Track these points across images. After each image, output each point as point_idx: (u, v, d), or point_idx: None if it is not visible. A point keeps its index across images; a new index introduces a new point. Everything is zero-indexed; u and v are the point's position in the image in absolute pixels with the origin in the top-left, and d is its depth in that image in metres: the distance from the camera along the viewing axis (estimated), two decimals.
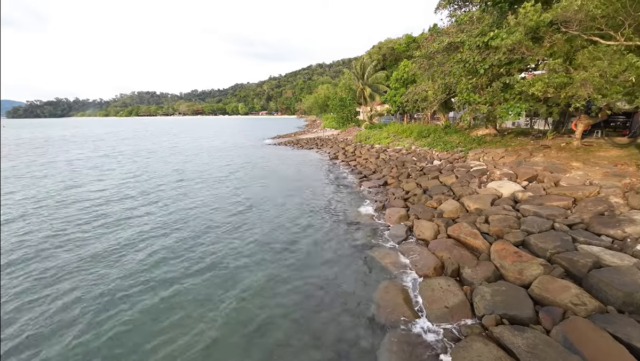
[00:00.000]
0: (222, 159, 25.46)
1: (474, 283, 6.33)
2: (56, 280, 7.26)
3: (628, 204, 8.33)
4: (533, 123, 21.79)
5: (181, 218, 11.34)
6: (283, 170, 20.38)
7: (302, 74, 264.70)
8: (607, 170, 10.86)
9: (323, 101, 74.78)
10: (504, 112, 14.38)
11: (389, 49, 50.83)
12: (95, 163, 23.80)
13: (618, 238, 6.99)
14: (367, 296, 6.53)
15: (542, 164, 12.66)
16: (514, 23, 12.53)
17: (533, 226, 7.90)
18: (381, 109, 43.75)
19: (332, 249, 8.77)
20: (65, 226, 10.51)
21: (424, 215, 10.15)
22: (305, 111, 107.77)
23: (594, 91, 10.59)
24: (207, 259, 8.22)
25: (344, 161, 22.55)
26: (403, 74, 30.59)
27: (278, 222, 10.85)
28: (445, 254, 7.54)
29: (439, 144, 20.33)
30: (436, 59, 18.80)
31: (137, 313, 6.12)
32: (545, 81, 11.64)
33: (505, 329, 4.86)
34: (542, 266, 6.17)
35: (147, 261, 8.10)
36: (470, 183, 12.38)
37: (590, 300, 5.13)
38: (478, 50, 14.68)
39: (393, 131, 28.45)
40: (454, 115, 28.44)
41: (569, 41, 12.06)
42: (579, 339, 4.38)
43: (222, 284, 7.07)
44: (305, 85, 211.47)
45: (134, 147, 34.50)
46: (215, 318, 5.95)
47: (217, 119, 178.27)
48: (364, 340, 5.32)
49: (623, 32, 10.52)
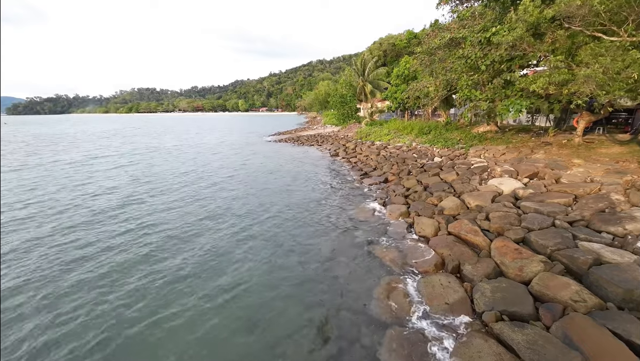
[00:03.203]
0: (224, 158, 25.38)
1: (474, 280, 6.35)
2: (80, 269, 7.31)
3: (629, 201, 8.32)
4: (534, 120, 21.69)
5: (181, 216, 11.36)
6: (283, 167, 20.36)
7: (303, 71, 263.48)
8: (609, 167, 10.84)
9: (323, 98, 74.60)
10: (504, 109, 14.31)
11: (390, 45, 50.48)
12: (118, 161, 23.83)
13: (619, 235, 6.98)
14: (368, 292, 6.56)
15: (543, 161, 12.62)
16: (515, 19, 12.42)
17: (534, 223, 7.89)
18: (382, 105, 43.57)
19: (332, 245, 8.79)
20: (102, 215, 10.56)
21: (424, 212, 10.15)
22: (306, 108, 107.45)
23: (597, 88, 10.51)
24: (207, 254, 8.25)
25: (345, 158, 22.51)
26: (404, 70, 30.39)
27: (278, 219, 10.86)
28: (445, 251, 7.56)
29: (440, 141, 20.28)
30: (437, 55, 18.66)
31: (138, 309, 6.15)
32: (547, 77, 11.56)
33: (505, 325, 4.88)
34: (543, 263, 6.18)
35: (147, 253, 8.14)
36: (471, 180, 12.36)
37: (590, 297, 5.15)
38: (480, 46, 14.57)
39: (394, 128, 28.36)
40: (455, 112, 28.30)
41: (572, 37, 11.96)
42: (578, 335, 4.40)
43: (222, 280, 7.10)
44: (305, 81, 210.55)
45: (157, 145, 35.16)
46: (215, 314, 5.98)
47: (217, 116, 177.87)
48: (364, 336, 5.35)
49: (626, 28, 10.43)
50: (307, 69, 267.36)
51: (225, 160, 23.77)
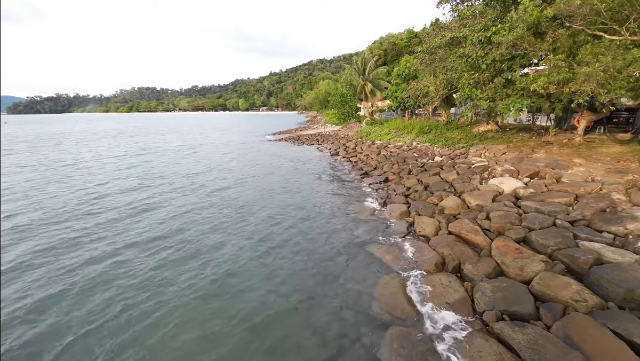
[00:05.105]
0: (226, 157, 25.34)
1: (474, 280, 6.34)
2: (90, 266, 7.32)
3: (630, 201, 8.30)
4: (535, 119, 21.65)
5: (181, 214, 11.36)
6: (283, 166, 20.35)
7: (303, 70, 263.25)
8: (610, 166, 10.82)
9: (324, 97, 74.57)
10: (505, 108, 14.28)
11: (391, 44, 50.48)
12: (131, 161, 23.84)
13: (620, 234, 6.97)
14: (368, 292, 6.55)
15: (544, 161, 12.60)
16: (515, 19, 12.38)
17: (534, 223, 7.88)
18: (382, 105, 43.54)
19: (332, 245, 8.78)
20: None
21: (425, 211, 10.14)
22: (306, 107, 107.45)
23: (597, 87, 10.48)
24: (207, 254, 8.25)
25: (345, 157, 22.49)
26: (404, 69, 30.35)
27: (278, 218, 10.85)
28: (446, 250, 7.55)
29: (440, 141, 20.25)
30: (438, 54, 18.63)
31: (139, 308, 6.15)
32: (548, 77, 11.52)
33: (505, 325, 4.87)
34: (543, 263, 6.17)
35: (148, 252, 8.14)
36: (471, 180, 12.35)
37: (591, 297, 5.13)
38: (480, 45, 14.54)
39: (394, 127, 28.34)
40: (455, 111, 28.26)
41: (573, 36, 11.93)
42: (579, 335, 4.39)
43: (223, 279, 7.09)
44: (306, 81, 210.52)
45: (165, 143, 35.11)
46: (215, 314, 5.97)
47: (217, 115, 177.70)
48: (365, 336, 5.34)
49: (628, 27, 10.39)
50: (307, 68, 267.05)
51: (227, 160, 23.74)
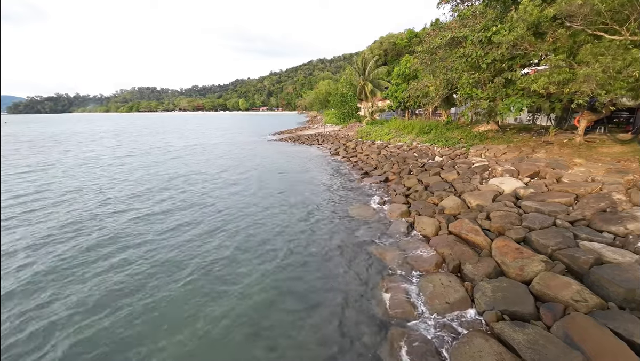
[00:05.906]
0: (226, 157, 25.35)
1: (475, 279, 6.34)
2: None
3: (630, 201, 8.29)
4: (535, 119, 21.65)
5: (180, 213, 11.36)
6: (284, 166, 20.36)
7: (303, 70, 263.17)
8: (610, 166, 10.81)
9: (324, 97, 74.57)
10: (505, 108, 14.28)
11: (391, 44, 50.43)
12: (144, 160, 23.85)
13: (620, 234, 6.97)
14: (369, 291, 6.56)
15: (544, 161, 12.60)
16: (515, 19, 12.38)
17: (534, 223, 7.88)
18: (382, 105, 43.56)
19: (333, 245, 8.78)
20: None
21: (425, 211, 10.14)
22: (306, 107, 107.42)
23: (597, 87, 10.48)
24: (208, 254, 8.25)
25: (345, 157, 22.50)
26: (405, 69, 30.34)
27: (278, 218, 10.86)
28: (446, 250, 7.55)
29: (441, 140, 20.24)
30: (438, 54, 18.62)
31: (140, 308, 6.16)
32: (548, 77, 11.52)
33: (505, 325, 4.87)
34: (544, 263, 6.16)
35: (148, 252, 8.15)
36: (471, 179, 12.34)
37: (592, 297, 5.13)
38: (481, 45, 14.54)
39: (394, 127, 28.33)
40: (455, 111, 28.25)
41: (573, 36, 11.92)
42: (579, 335, 4.39)
43: (223, 279, 7.10)
44: (306, 80, 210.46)
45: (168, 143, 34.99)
46: (217, 313, 5.98)
47: (218, 115, 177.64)
48: (365, 336, 5.35)
49: (628, 27, 10.39)
50: (307, 68, 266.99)
51: (228, 159, 23.75)
